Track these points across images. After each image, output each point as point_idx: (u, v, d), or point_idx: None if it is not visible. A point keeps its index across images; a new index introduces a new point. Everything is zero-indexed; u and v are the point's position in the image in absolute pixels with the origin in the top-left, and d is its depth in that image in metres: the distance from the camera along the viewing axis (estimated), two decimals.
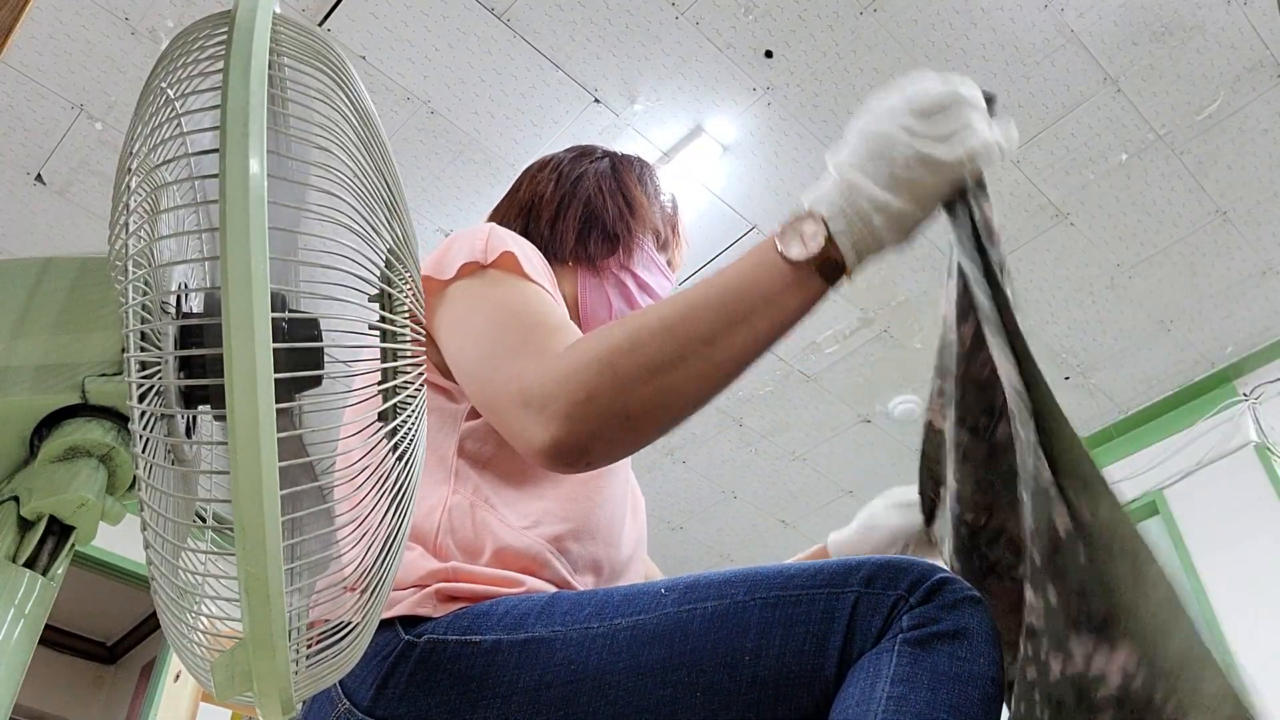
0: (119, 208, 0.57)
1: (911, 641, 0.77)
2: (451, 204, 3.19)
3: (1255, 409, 3.61)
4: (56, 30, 2.73)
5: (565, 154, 1.26)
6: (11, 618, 0.54)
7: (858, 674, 0.77)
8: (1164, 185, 3.16)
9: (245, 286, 0.46)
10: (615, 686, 0.81)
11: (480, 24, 2.74)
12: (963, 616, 0.78)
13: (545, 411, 0.76)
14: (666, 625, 0.82)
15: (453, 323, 0.93)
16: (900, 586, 0.80)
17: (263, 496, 0.45)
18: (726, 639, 0.81)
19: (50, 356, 0.61)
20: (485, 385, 0.85)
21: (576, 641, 0.83)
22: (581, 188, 1.20)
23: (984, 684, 0.76)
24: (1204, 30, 2.77)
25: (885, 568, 0.82)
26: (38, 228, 3.23)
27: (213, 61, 0.54)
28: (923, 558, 0.91)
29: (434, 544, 0.92)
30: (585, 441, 0.76)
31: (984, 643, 0.78)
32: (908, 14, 2.72)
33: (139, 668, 5.30)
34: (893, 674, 0.76)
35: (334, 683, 0.74)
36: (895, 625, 0.79)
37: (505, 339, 0.86)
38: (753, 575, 0.85)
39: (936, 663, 0.76)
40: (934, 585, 0.80)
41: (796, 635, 0.80)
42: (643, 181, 1.24)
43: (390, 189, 0.63)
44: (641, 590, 0.86)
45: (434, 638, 0.84)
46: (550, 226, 1.17)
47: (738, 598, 0.83)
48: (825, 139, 3.03)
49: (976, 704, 0.75)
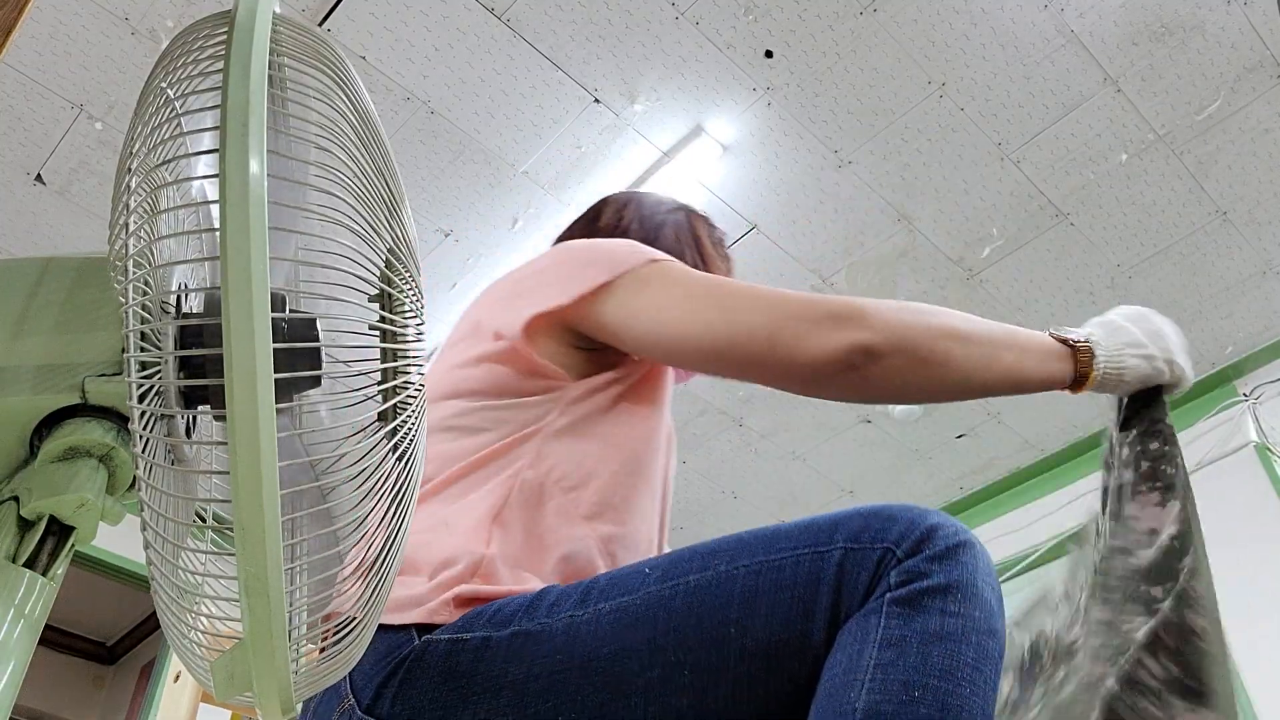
0: (119, 208, 0.57)
1: (900, 600, 0.75)
2: (451, 204, 3.19)
3: (1255, 409, 3.61)
4: (56, 30, 2.73)
5: (645, 196, 1.31)
6: (11, 618, 0.54)
7: (845, 638, 0.75)
8: (1164, 185, 3.16)
9: (245, 287, 0.46)
10: (601, 673, 0.80)
11: (480, 24, 2.74)
12: (953, 567, 0.76)
13: (862, 321, 0.89)
14: (650, 605, 0.81)
15: (664, 304, 0.96)
16: (887, 539, 0.78)
17: (263, 496, 0.45)
18: (710, 613, 0.79)
19: (50, 356, 0.61)
20: (755, 326, 0.91)
21: (562, 631, 0.82)
22: (664, 234, 1.24)
23: (978, 638, 0.73)
24: (1204, 30, 2.77)
25: (871, 519, 0.80)
26: (38, 228, 3.23)
27: (213, 61, 0.54)
28: None
29: (478, 559, 0.90)
30: (888, 352, 0.88)
31: (977, 591, 0.75)
32: (908, 14, 2.72)
33: (139, 668, 5.30)
34: (881, 637, 0.73)
35: (333, 683, 0.74)
36: (883, 583, 0.76)
37: (759, 291, 0.94)
38: (736, 543, 0.84)
39: (927, 622, 0.73)
40: (922, 535, 0.78)
41: (782, 602, 0.78)
42: (713, 240, 1.28)
43: (390, 189, 0.63)
44: (626, 572, 0.85)
45: (431, 639, 0.84)
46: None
47: (720, 569, 0.81)
48: (825, 139, 3.03)
49: (969, 664, 0.72)
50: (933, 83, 2.88)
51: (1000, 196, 3.19)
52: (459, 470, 0.97)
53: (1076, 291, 3.46)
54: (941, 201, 3.20)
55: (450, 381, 1.04)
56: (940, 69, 2.85)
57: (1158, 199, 3.19)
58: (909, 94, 2.91)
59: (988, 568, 0.78)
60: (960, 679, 0.71)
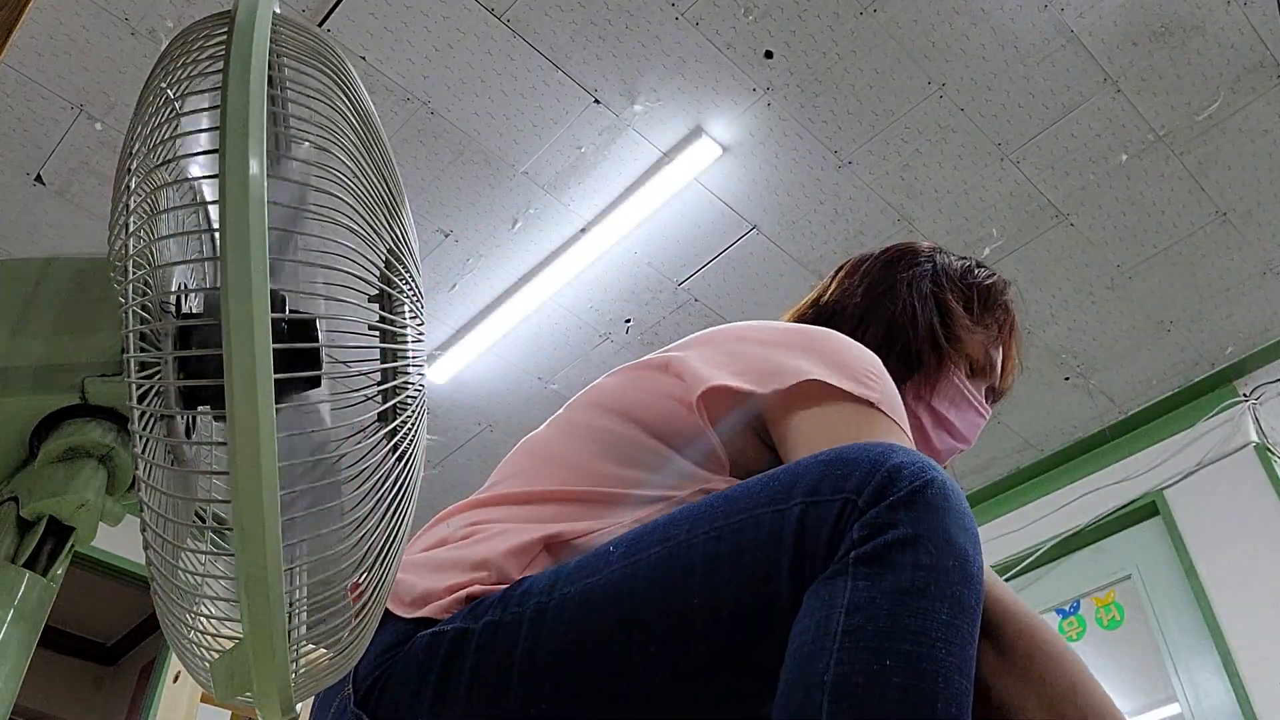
0: (119, 208, 0.57)
1: (865, 559, 0.69)
2: (451, 204, 3.19)
3: (1255, 409, 3.61)
4: (56, 30, 2.73)
5: (882, 255, 1.15)
6: (11, 618, 0.54)
7: (813, 602, 0.70)
8: (1164, 185, 3.16)
9: (245, 287, 0.46)
10: (571, 658, 0.77)
11: (480, 24, 2.74)
12: (921, 514, 0.70)
13: None
14: (614, 584, 0.77)
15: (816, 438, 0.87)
16: (846, 488, 0.72)
17: (263, 496, 0.45)
18: (673, 585, 0.75)
19: (50, 357, 0.61)
20: None
21: (530, 620, 0.79)
22: (889, 302, 1.09)
23: (953, 590, 0.68)
24: (1204, 30, 2.77)
25: (830, 466, 0.74)
26: (38, 228, 3.23)
27: (213, 62, 0.54)
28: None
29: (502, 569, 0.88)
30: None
31: (949, 537, 0.70)
32: (908, 14, 2.72)
33: (138, 668, 5.30)
34: (848, 601, 0.68)
35: (333, 682, 0.74)
36: (846, 539, 0.70)
37: None
38: (698, 509, 0.79)
39: (897, 580, 0.68)
40: (884, 480, 0.71)
41: (744, 566, 0.73)
42: (969, 294, 1.12)
43: (390, 189, 0.63)
44: (592, 554, 0.82)
45: (420, 633, 0.83)
46: (852, 336, 1.05)
47: (680, 539, 0.77)
48: (825, 139, 3.03)
49: (943, 621, 0.67)
50: (932, 83, 2.88)
51: (1000, 197, 3.19)
52: (571, 494, 0.92)
53: (1076, 291, 3.46)
54: (941, 201, 3.20)
55: (630, 389, 0.98)
56: (940, 69, 2.85)
57: (1157, 199, 3.19)
58: (909, 94, 2.91)
59: (959, 506, 0.72)
60: (934, 639, 0.66)
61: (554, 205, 3.19)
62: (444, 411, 3.79)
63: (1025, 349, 1.14)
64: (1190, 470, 3.64)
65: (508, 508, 0.94)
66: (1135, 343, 3.64)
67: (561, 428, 1.01)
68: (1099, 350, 3.67)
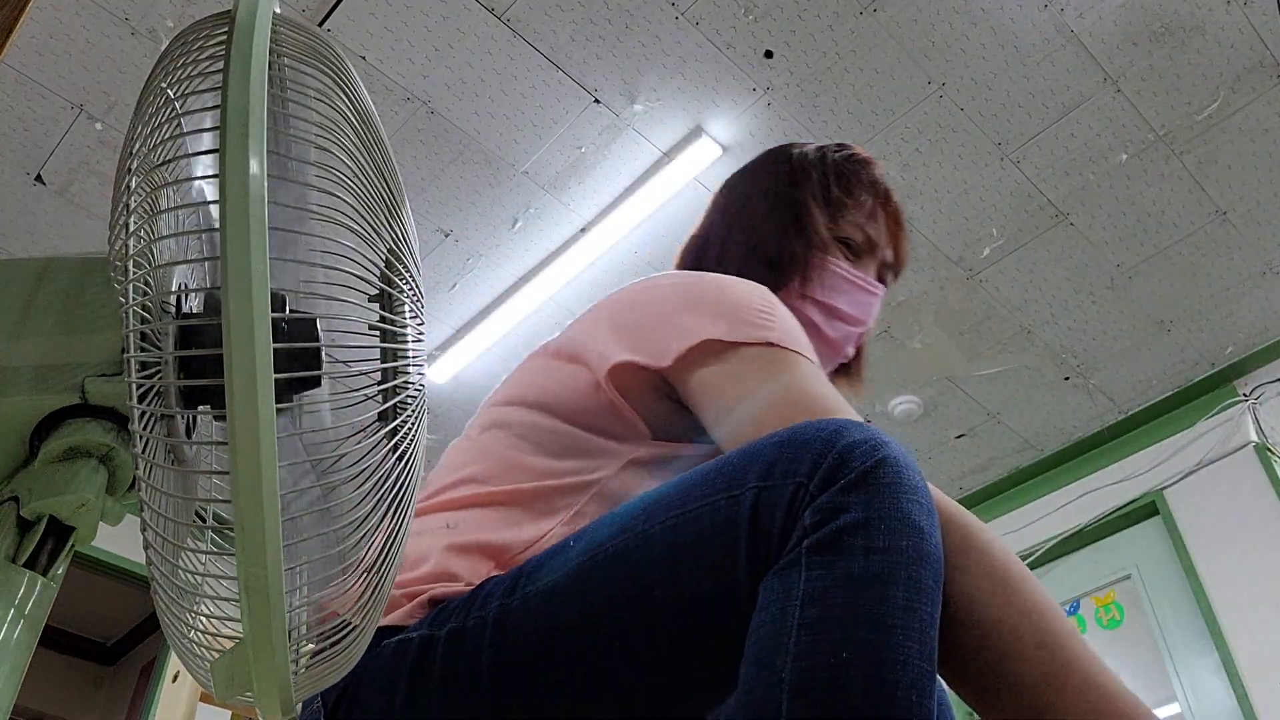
0: (119, 208, 0.57)
1: (819, 546, 0.67)
2: (451, 204, 3.19)
3: (1255, 409, 3.61)
4: (56, 30, 2.73)
5: (744, 169, 1.14)
6: (11, 618, 0.54)
7: (769, 595, 0.68)
8: (1164, 185, 3.16)
9: (245, 287, 0.46)
10: (537, 662, 0.76)
11: (480, 24, 2.74)
12: (872, 495, 0.68)
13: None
14: (574, 581, 0.76)
15: (743, 393, 0.86)
16: (798, 472, 0.70)
17: (263, 496, 0.45)
18: (632, 578, 0.73)
19: (50, 356, 0.61)
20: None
21: (493, 622, 0.78)
22: (745, 214, 1.11)
23: (909, 571, 0.66)
24: (1204, 30, 2.77)
25: (783, 449, 0.72)
26: (38, 228, 3.23)
27: (213, 61, 0.54)
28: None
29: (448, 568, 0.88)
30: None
31: (902, 515, 0.68)
32: (908, 14, 2.72)
33: (138, 668, 5.30)
34: (803, 593, 0.66)
35: (334, 682, 0.74)
36: (799, 525, 0.69)
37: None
38: (656, 498, 0.77)
39: (851, 566, 0.66)
40: (835, 461, 0.69)
41: (703, 555, 0.71)
42: (826, 179, 1.11)
43: (390, 189, 0.63)
44: (551, 550, 0.81)
45: (387, 641, 0.82)
46: (718, 263, 1.08)
47: (638, 530, 0.75)
48: (825, 139, 3.03)
49: (900, 606, 0.65)
50: (932, 83, 2.88)
51: (1000, 196, 3.19)
52: (511, 494, 0.92)
53: (1076, 292, 3.46)
54: (941, 201, 3.20)
55: (544, 383, 0.98)
56: (940, 69, 2.85)
57: (1157, 199, 3.19)
58: (909, 94, 2.91)
59: (911, 481, 0.70)
60: (893, 626, 0.64)
61: (554, 205, 3.19)
62: (444, 411, 3.79)
63: (921, 252, 1.13)
64: (1190, 470, 3.64)
65: (455, 513, 0.93)
66: (1135, 343, 3.64)
67: (493, 430, 1.00)
68: (1099, 350, 3.67)
